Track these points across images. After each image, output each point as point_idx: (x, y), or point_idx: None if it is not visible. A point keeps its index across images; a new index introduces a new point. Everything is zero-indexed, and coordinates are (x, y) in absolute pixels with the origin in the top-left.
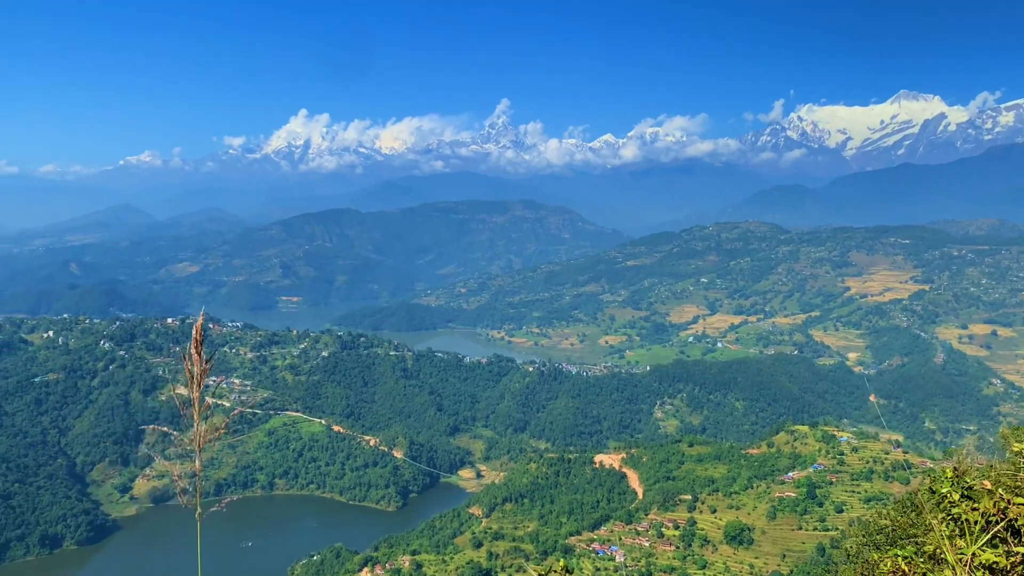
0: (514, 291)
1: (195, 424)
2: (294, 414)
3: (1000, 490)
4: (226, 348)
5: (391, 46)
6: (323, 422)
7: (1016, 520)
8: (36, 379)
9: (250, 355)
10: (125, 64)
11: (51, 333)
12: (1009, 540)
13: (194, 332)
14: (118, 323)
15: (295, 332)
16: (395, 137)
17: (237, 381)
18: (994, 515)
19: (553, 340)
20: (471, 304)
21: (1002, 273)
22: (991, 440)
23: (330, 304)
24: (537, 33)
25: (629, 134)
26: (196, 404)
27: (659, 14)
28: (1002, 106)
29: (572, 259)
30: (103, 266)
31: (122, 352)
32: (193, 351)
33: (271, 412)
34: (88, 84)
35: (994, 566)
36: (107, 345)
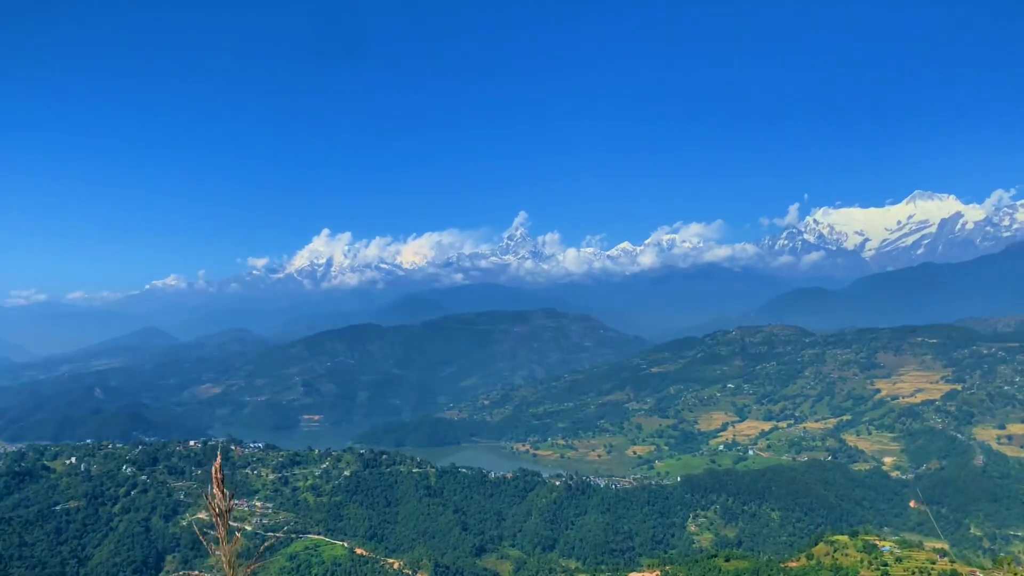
0: (538, 402)
1: (224, 563)
2: (316, 537)
3: None
4: (248, 470)
5: (410, 165)
6: (345, 545)
7: None
8: (57, 507)
9: (272, 476)
10: (150, 190)
11: (73, 459)
12: None
13: (214, 472)
14: (140, 447)
15: (317, 451)
16: (415, 252)
17: (259, 504)
18: None
19: (579, 452)
20: (494, 416)
21: None
22: None
23: (352, 421)
24: (552, 146)
25: (646, 241)
26: (224, 543)
27: (670, 123)
28: (1018, 203)
29: (595, 367)
30: (127, 390)
31: (144, 477)
32: (216, 489)
33: (292, 536)
34: (115, 212)
35: None
36: (129, 470)
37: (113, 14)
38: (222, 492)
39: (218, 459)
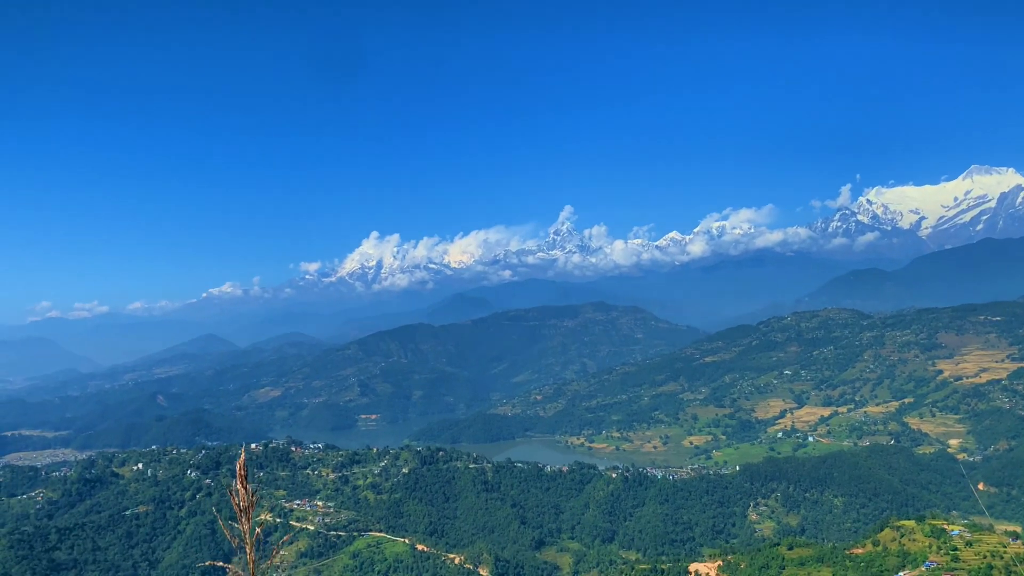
0: (590, 395)
1: (248, 556)
2: (377, 534)
3: None
4: (308, 470)
5: (456, 164)
6: (406, 541)
7: None
8: (127, 512)
9: (332, 476)
10: (204, 202)
11: (140, 466)
12: None
13: (238, 468)
14: (203, 452)
15: (375, 450)
16: (463, 251)
17: (320, 503)
18: None
19: (635, 444)
20: (547, 411)
21: None
22: None
23: (408, 419)
24: (595, 138)
25: (695, 230)
26: (247, 536)
27: (714, 107)
28: None
29: (647, 359)
30: (189, 396)
31: (208, 480)
32: (239, 486)
33: (355, 534)
34: (170, 224)
35: None
36: (193, 474)
37: (161, 31)
38: (245, 488)
39: (242, 456)
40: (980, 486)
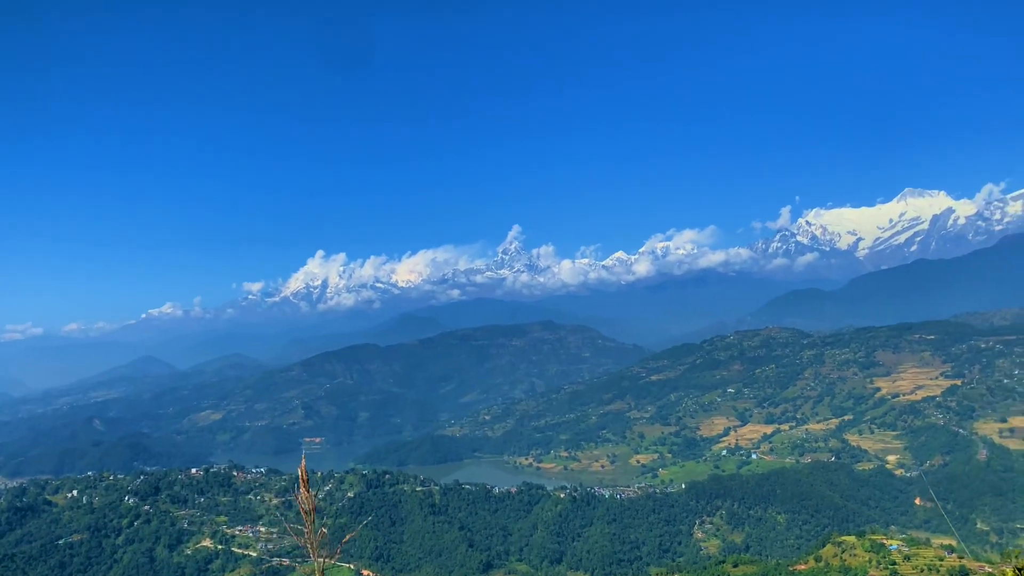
0: (539, 415)
1: (312, 555)
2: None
3: None
4: (251, 495)
5: (403, 182)
6: (352, 567)
7: None
8: (60, 541)
9: (275, 501)
10: (142, 219)
11: (75, 492)
12: None
13: (300, 472)
14: (142, 477)
15: (320, 474)
16: (411, 270)
17: (263, 529)
18: None
19: (583, 463)
20: (496, 431)
21: None
22: None
23: (353, 442)
24: (543, 158)
25: (641, 250)
26: (311, 536)
27: (659, 130)
28: (1008, 196)
29: (595, 377)
30: (127, 420)
31: (147, 507)
32: (303, 490)
33: (298, 560)
34: (108, 242)
35: None
36: (131, 501)
37: (93, 58)
38: (308, 491)
39: (303, 462)
40: (917, 501)
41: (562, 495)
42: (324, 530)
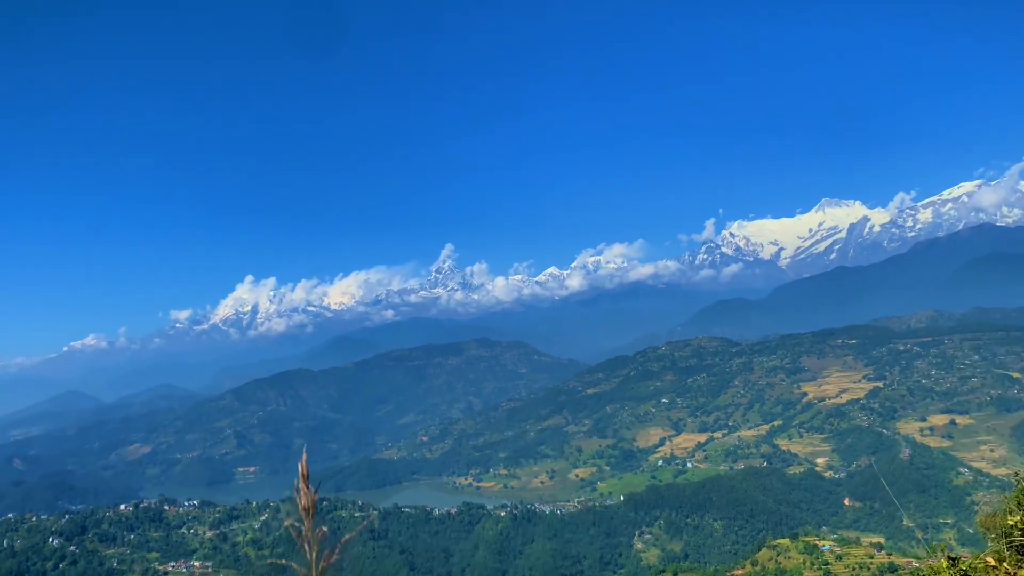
0: (477, 433)
1: (310, 554)
2: None
3: (1005, 564)
4: (183, 529)
5: (332, 204)
6: None
7: None
8: None
9: (209, 534)
10: (61, 248)
11: None
12: None
13: (301, 469)
14: (67, 517)
15: (255, 504)
16: (343, 292)
17: (197, 564)
18: None
19: (522, 480)
20: (434, 452)
21: (948, 362)
22: (970, 531)
23: (289, 470)
24: (474, 177)
25: (572, 265)
26: (308, 533)
27: (585, 148)
28: (919, 204)
29: (532, 393)
30: (50, 458)
31: (73, 547)
32: (302, 485)
33: None
34: (25, 273)
35: None
36: (56, 542)
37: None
38: (307, 488)
39: (304, 456)
40: (846, 501)
41: (503, 513)
42: (324, 528)
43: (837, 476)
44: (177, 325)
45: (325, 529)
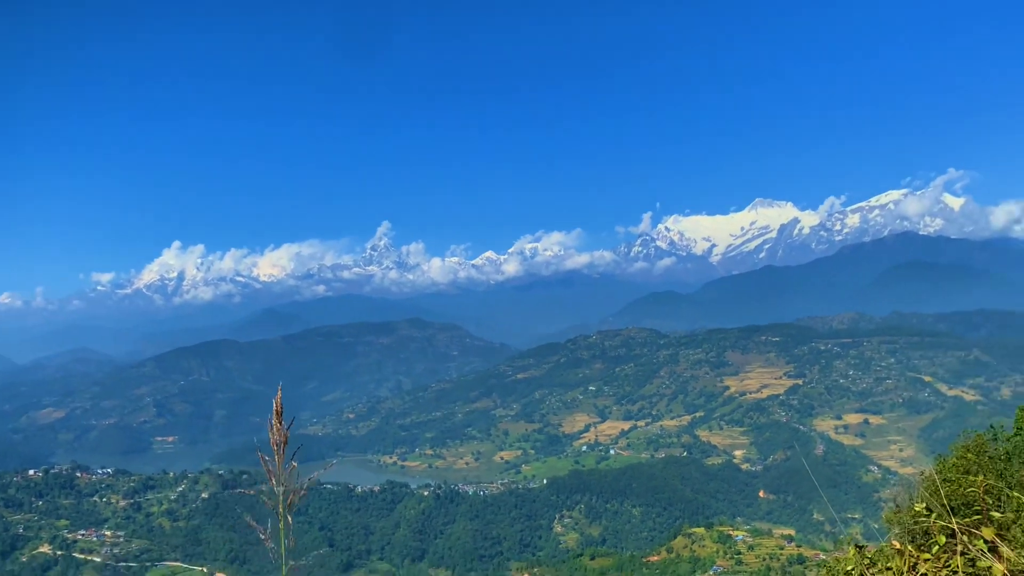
0: (405, 413)
1: (279, 493)
2: (173, 564)
3: (909, 547)
4: (96, 497)
5: (266, 173)
6: (205, 570)
7: (927, 575)
8: None
9: (123, 503)
10: None
11: None
12: None
13: (275, 405)
14: None
15: (172, 474)
16: (274, 264)
17: (109, 533)
18: (907, 573)
19: (448, 460)
20: (360, 430)
21: (866, 363)
22: (875, 526)
23: (209, 441)
24: (414, 155)
25: (510, 250)
26: (279, 468)
27: (528, 133)
28: (848, 209)
29: (462, 376)
30: None
31: None
32: (276, 420)
33: (147, 564)
34: None
35: None
36: None
37: None
38: (280, 423)
39: (279, 394)
40: (761, 494)
41: (426, 493)
42: (295, 463)
43: (754, 469)
44: (99, 288)
45: (295, 464)
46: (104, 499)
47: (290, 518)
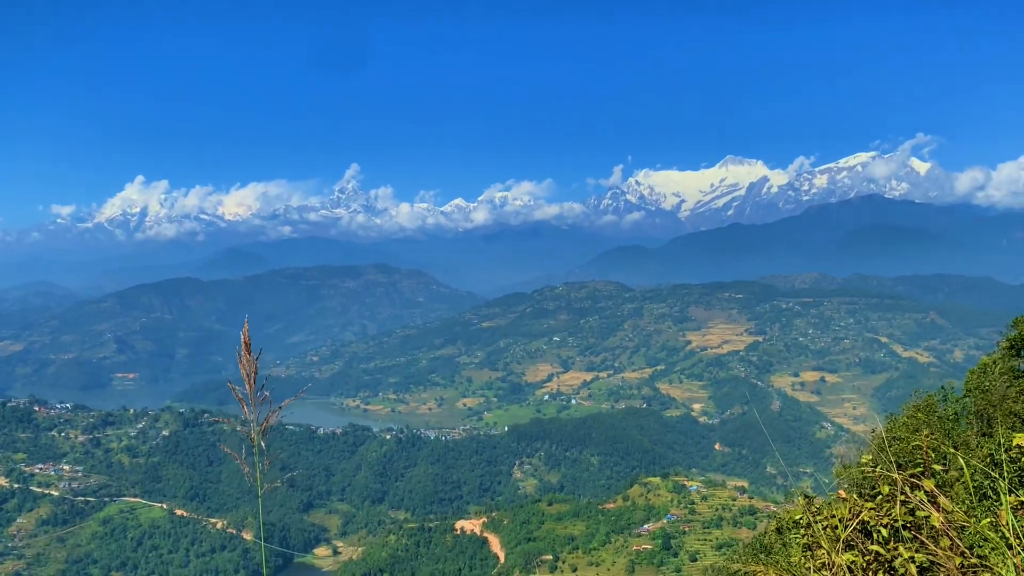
0: (369, 357)
1: (251, 420)
2: (132, 500)
3: (854, 495)
4: (54, 432)
5: (232, 109)
6: (164, 507)
7: (869, 523)
8: None
9: (81, 438)
10: None
11: None
12: (863, 542)
13: (243, 336)
14: None
15: (132, 411)
16: (239, 203)
17: (67, 467)
18: (849, 520)
19: (411, 406)
20: (324, 373)
21: (825, 323)
22: (825, 481)
23: (170, 379)
24: (384, 97)
25: (479, 198)
26: (252, 396)
27: (503, 78)
28: (816, 169)
29: (428, 322)
30: None
31: None
32: (244, 352)
33: (106, 499)
34: None
35: (852, 566)
36: None
37: None
38: (249, 354)
39: (246, 326)
40: (717, 446)
41: (388, 436)
42: (267, 392)
43: (711, 422)
44: (59, 220)
45: (268, 393)
46: (63, 434)
47: (263, 443)
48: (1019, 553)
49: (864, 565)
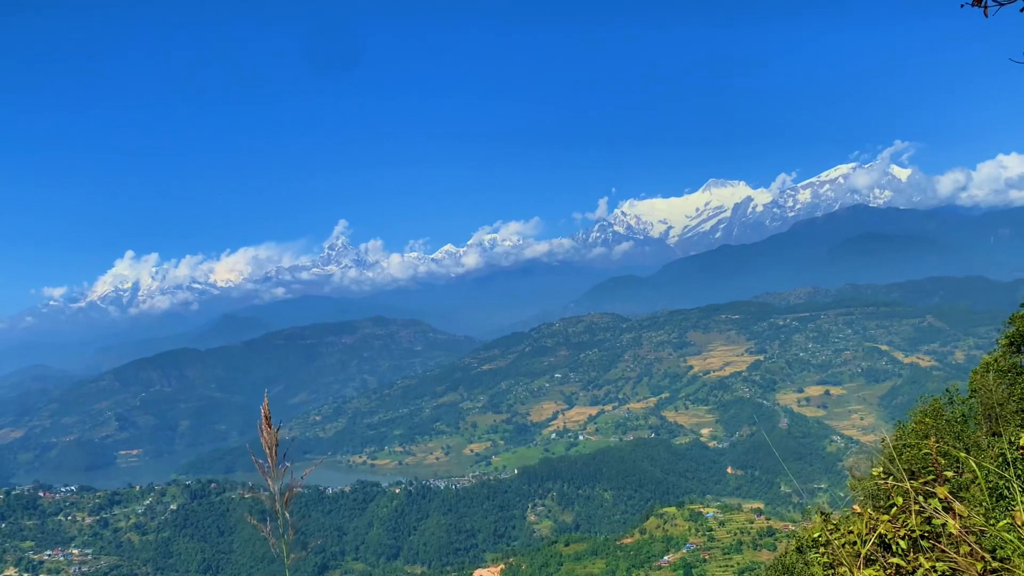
0: (371, 411)
1: (272, 485)
2: None
3: (869, 509)
4: (60, 516)
5: (218, 178)
6: None
7: (887, 535)
8: None
9: (89, 520)
10: None
11: None
12: (883, 555)
13: (263, 410)
14: None
15: (138, 488)
16: (230, 269)
17: (76, 551)
18: (867, 535)
19: (417, 457)
20: (327, 431)
21: (824, 336)
22: (841, 495)
23: (174, 452)
24: (368, 152)
25: (469, 242)
26: (273, 470)
27: (483, 123)
28: (799, 185)
29: (427, 370)
30: None
31: None
32: (265, 425)
33: None
34: None
35: None
36: None
37: None
38: (269, 426)
39: (265, 400)
40: (728, 470)
41: (397, 490)
42: (288, 464)
43: (721, 446)
44: (51, 302)
45: (289, 465)
46: (69, 517)
47: (288, 515)
48: None
49: None
